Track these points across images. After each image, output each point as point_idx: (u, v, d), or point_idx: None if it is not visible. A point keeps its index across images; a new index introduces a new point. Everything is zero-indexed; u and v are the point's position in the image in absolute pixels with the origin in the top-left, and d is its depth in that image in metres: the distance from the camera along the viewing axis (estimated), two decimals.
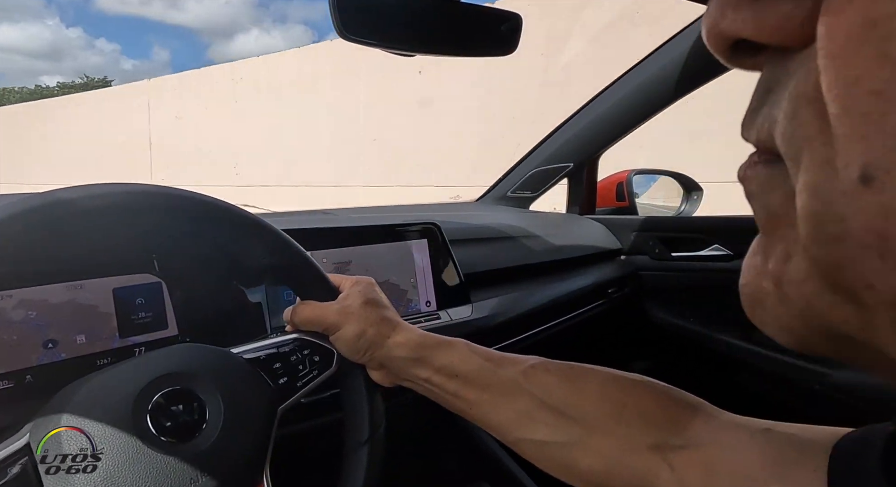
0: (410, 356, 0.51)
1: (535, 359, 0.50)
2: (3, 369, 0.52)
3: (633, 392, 0.45)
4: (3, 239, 0.37)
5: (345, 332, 0.52)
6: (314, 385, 0.51)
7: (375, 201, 1.36)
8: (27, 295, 0.55)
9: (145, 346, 0.61)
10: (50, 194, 0.40)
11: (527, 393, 0.47)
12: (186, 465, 0.40)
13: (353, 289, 0.55)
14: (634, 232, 1.31)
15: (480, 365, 0.50)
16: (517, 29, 0.64)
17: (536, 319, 1.03)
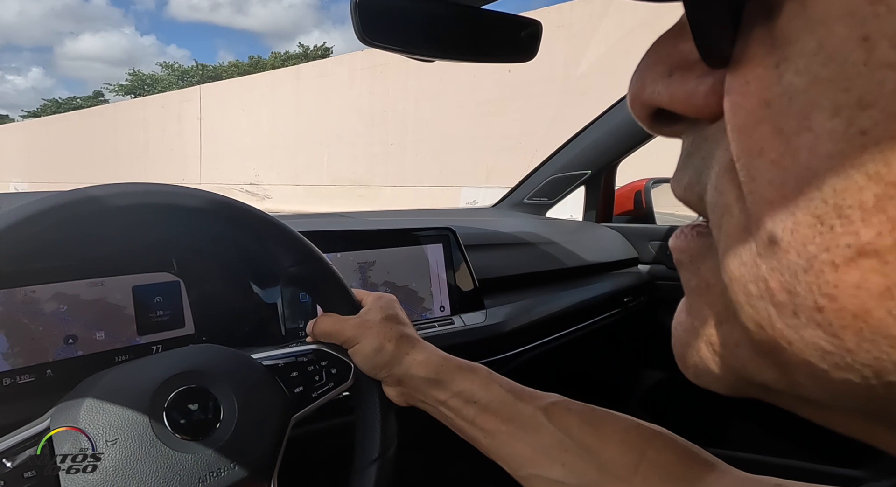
0: (429, 376, 0.50)
1: (557, 397, 0.49)
2: (23, 363, 0.53)
3: (654, 442, 0.44)
4: (33, 234, 0.38)
5: (363, 346, 0.52)
6: (329, 397, 0.51)
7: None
8: (61, 289, 0.56)
9: (162, 344, 0.62)
10: (79, 191, 0.41)
11: (547, 429, 0.46)
12: (197, 463, 0.41)
13: (375, 305, 0.55)
14: (652, 241, 1.30)
15: (501, 394, 0.49)
16: (537, 36, 0.64)
17: (551, 326, 1.02)
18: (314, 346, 0.52)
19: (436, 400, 0.51)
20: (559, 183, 1.39)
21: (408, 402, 0.53)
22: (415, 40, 0.58)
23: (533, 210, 1.43)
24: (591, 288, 1.15)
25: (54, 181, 15.82)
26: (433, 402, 0.51)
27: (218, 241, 0.63)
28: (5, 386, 0.52)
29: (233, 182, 11.23)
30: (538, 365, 1.02)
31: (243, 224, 0.49)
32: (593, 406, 0.48)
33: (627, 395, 1.41)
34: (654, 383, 1.39)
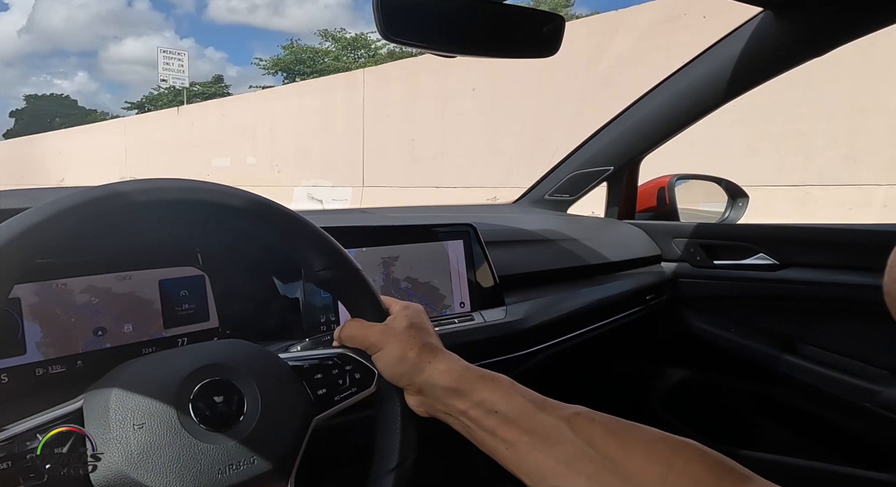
0: (450, 385, 0.50)
1: (580, 408, 0.49)
2: (54, 353, 0.55)
3: (682, 453, 0.43)
4: (64, 228, 0.39)
5: (385, 353, 0.52)
6: (351, 401, 0.51)
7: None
8: (93, 282, 0.57)
9: (188, 337, 0.63)
10: (108, 186, 0.42)
11: (570, 440, 0.45)
12: (218, 454, 0.41)
13: (401, 313, 0.55)
14: (675, 238, 1.28)
15: (522, 404, 0.48)
16: (559, 30, 0.63)
17: (571, 324, 1.01)
18: (340, 350, 0.53)
19: (457, 410, 0.50)
20: (581, 179, 1.37)
21: (428, 412, 0.53)
22: (437, 36, 0.58)
23: (554, 206, 1.42)
24: (612, 286, 1.14)
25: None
26: (454, 412, 0.50)
27: (242, 237, 0.64)
28: (38, 376, 0.54)
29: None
30: (558, 362, 1.01)
31: (278, 225, 0.49)
32: (617, 418, 0.47)
33: (649, 394, 1.39)
34: (676, 382, 1.37)
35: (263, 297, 0.71)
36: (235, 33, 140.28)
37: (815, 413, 1.16)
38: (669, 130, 1.24)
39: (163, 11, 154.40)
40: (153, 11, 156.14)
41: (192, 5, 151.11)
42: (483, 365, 0.53)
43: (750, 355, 1.20)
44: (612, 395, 1.36)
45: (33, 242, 0.38)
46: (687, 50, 1.21)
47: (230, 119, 12.11)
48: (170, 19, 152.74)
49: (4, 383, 0.52)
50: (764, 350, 1.18)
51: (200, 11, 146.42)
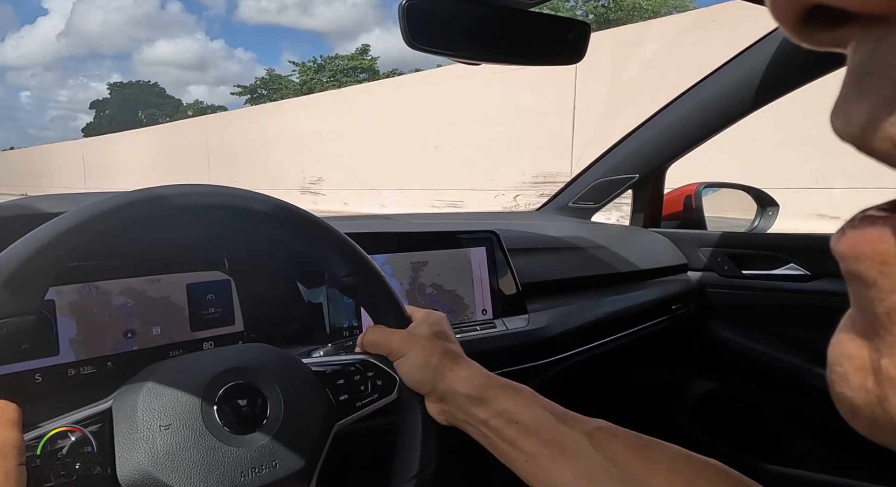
0: (472, 394, 0.50)
1: (602, 422, 0.48)
2: (84, 352, 0.56)
3: (706, 473, 0.42)
4: (98, 232, 0.40)
5: (407, 359, 0.52)
6: (373, 408, 0.51)
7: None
8: (129, 285, 0.59)
9: (214, 341, 0.64)
10: (141, 191, 0.43)
11: (591, 455, 0.45)
12: (241, 457, 0.42)
13: (424, 320, 0.55)
14: (702, 247, 1.26)
15: (544, 416, 0.48)
16: (585, 38, 0.63)
17: (595, 333, 1.00)
18: (362, 356, 0.53)
19: (477, 419, 0.50)
20: (605, 186, 1.36)
21: (449, 421, 0.52)
22: (462, 44, 0.59)
23: (578, 214, 1.41)
24: (637, 295, 1.12)
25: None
26: (474, 422, 0.50)
27: (268, 242, 0.65)
28: (70, 376, 0.55)
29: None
30: (582, 371, 1.00)
31: (304, 231, 0.50)
32: (640, 434, 0.46)
33: (675, 405, 1.37)
34: (703, 393, 1.35)
35: (287, 302, 0.72)
36: (265, 33, 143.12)
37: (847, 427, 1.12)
38: (697, 138, 1.22)
39: (195, 13, 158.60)
40: (185, 13, 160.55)
41: (223, 7, 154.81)
42: (505, 372, 0.53)
43: (780, 367, 1.17)
44: (636, 406, 1.34)
45: (68, 245, 0.39)
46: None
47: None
48: (201, 21, 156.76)
49: (38, 383, 0.53)
50: (794, 362, 1.15)
51: (231, 12, 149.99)
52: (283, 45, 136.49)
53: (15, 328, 0.36)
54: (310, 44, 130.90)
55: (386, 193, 10.13)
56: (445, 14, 0.56)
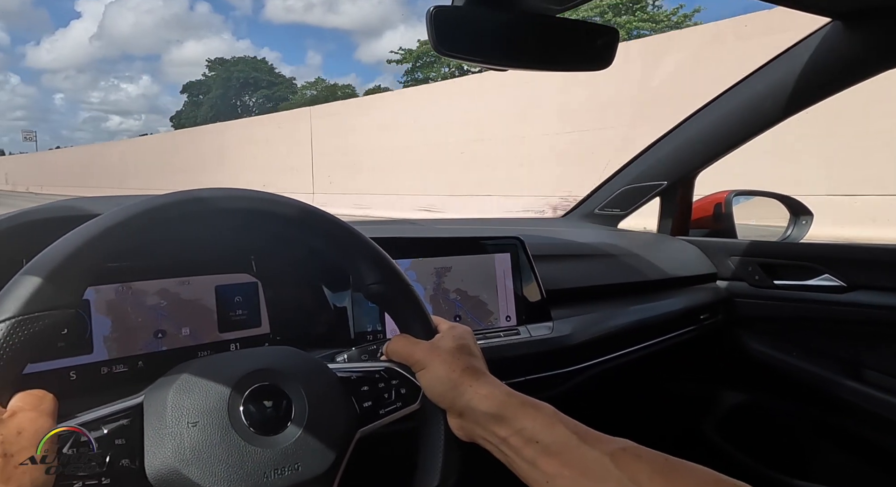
0: (491, 411, 0.49)
1: (625, 442, 0.46)
2: (116, 351, 0.58)
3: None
4: (132, 233, 0.41)
5: (429, 371, 0.51)
6: (396, 416, 0.51)
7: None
8: (163, 286, 0.60)
9: (240, 342, 0.65)
10: (180, 194, 0.44)
11: (613, 477, 0.43)
12: (265, 458, 0.42)
13: (448, 333, 0.55)
14: (732, 256, 1.23)
15: (565, 435, 0.46)
16: (613, 44, 0.63)
17: (620, 341, 0.99)
18: (387, 364, 0.53)
19: (497, 437, 0.49)
20: (633, 193, 1.34)
21: (469, 437, 0.52)
22: (489, 50, 0.59)
23: (604, 221, 1.39)
24: (664, 304, 1.10)
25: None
26: (494, 439, 0.49)
27: (296, 246, 0.66)
28: (103, 374, 0.57)
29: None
30: (606, 380, 0.99)
31: (333, 236, 0.51)
32: (666, 456, 0.45)
33: (702, 417, 1.34)
34: (731, 406, 1.31)
35: (312, 305, 0.72)
36: (290, 32, 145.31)
37: (880, 443, 1.08)
38: (727, 145, 1.20)
39: (222, 13, 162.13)
40: (213, 14, 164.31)
41: (250, 7, 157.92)
42: (528, 380, 0.52)
43: (812, 380, 1.13)
44: (662, 417, 1.31)
45: (105, 246, 0.40)
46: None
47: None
48: (228, 21, 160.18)
49: (73, 380, 0.55)
50: (827, 375, 1.11)
51: (257, 12, 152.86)
52: (308, 44, 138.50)
53: (54, 321, 0.37)
54: (335, 42, 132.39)
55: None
56: (473, 20, 0.56)
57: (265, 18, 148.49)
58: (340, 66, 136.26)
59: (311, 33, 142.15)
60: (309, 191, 12.01)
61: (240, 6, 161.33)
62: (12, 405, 0.35)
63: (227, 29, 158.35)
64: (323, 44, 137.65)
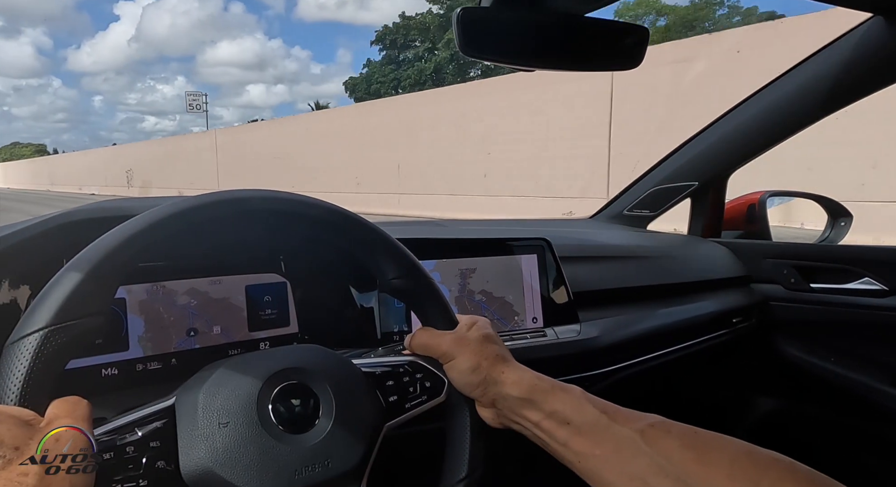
0: (522, 396, 0.49)
1: (655, 418, 0.46)
2: (151, 349, 0.59)
3: (771, 471, 0.40)
4: (164, 235, 0.42)
5: (459, 363, 0.52)
6: (421, 409, 0.52)
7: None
8: (193, 286, 0.62)
9: (270, 341, 0.66)
10: (211, 195, 0.45)
11: (644, 454, 0.43)
12: (294, 456, 0.43)
13: (471, 323, 0.55)
14: (766, 258, 1.20)
15: (595, 416, 0.47)
16: (643, 42, 0.62)
17: (649, 344, 0.97)
18: (411, 358, 0.53)
19: (529, 422, 0.49)
20: (663, 194, 1.32)
21: (502, 424, 0.52)
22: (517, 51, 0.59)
23: (633, 222, 1.37)
24: (695, 307, 1.08)
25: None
26: (527, 423, 0.50)
27: (323, 246, 0.67)
28: (138, 371, 0.58)
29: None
30: (635, 384, 0.97)
31: (355, 234, 0.51)
32: (696, 429, 0.45)
33: (735, 424, 1.31)
34: (765, 413, 1.28)
35: (340, 305, 0.73)
36: (322, 30, 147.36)
37: None
38: (762, 144, 1.17)
39: (255, 13, 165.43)
40: (247, 14, 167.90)
41: (283, 5, 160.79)
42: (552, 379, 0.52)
43: (851, 387, 1.10)
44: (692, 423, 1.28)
45: (139, 248, 0.41)
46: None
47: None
48: (261, 21, 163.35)
49: (110, 376, 0.57)
50: (867, 382, 1.08)
51: (290, 11, 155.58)
52: (339, 42, 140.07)
53: (86, 328, 0.38)
54: (365, 39, 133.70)
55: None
56: (501, 22, 0.56)
57: (297, 17, 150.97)
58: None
59: (343, 30, 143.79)
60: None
61: (273, 5, 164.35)
62: (49, 413, 0.36)
63: (260, 28, 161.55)
64: (354, 41, 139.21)
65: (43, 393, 0.36)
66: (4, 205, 19.37)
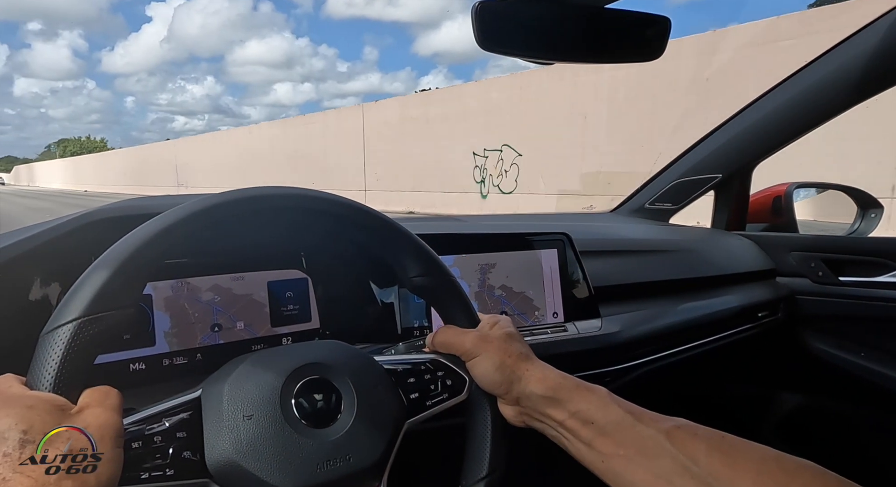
0: (546, 394, 0.49)
1: (681, 420, 0.46)
2: (177, 344, 0.60)
3: (799, 476, 0.39)
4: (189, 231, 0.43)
5: (483, 360, 0.52)
6: (442, 407, 0.52)
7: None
8: (216, 282, 0.63)
9: (292, 336, 0.67)
10: (234, 192, 0.46)
11: (670, 455, 0.43)
12: (316, 450, 0.44)
13: (493, 321, 0.55)
14: (793, 251, 1.18)
15: (619, 415, 0.47)
16: (665, 33, 0.61)
17: (672, 339, 0.96)
18: (432, 356, 0.54)
19: (553, 421, 0.49)
20: (685, 187, 1.30)
21: (525, 422, 0.52)
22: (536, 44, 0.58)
23: (654, 216, 1.35)
24: (719, 301, 1.06)
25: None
26: (550, 422, 0.50)
27: (344, 242, 0.67)
28: (165, 365, 0.59)
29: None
30: (657, 379, 0.96)
31: (377, 231, 0.52)
32: (723, 433, 0.44)
33: (760, 420, 1.29)
34: (792, 409, 1.26)
35: (361, 301, 0.73)
36: (349, 27, 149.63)
37: None
38: (789, 134, 1.14)
39: (284, 12, 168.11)
40: (276, 13, 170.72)
41: (311, 3, 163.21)
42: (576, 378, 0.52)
43: (881, 383, 1.07)
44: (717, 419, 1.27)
45: (164, 245, 0.42)
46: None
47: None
48: (290, 19, 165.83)
49: (137, 371, 0.58)
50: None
51: (318, 8, 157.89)
52: (366, 39, 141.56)
53: (116, 321, 0.39)
54: (392, 35, 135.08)
55: None
56: (519, 15, 0.55)
57: (326, 14, 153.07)
58: (396, 60, 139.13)
59: (371, 27, 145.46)
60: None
61: (301, 3, 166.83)
62: (81, 400, 0.37)
63: (288, 27, 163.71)
64: (380, 38, 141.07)
65: (75, 381, 0.37)
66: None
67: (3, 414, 0.33)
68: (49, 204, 20.64)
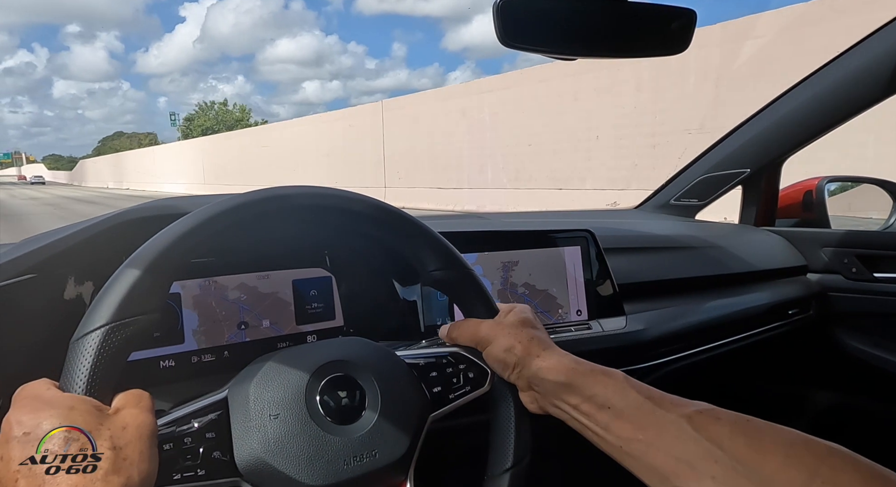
0: (560, 380, 0.49)
1: (702, 404, 0.45)
2: (205, 342, 0.61)
3: (829, 460, 0.38)
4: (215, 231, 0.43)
5: (495, 345, 0.52)
6: (465, 400, 0.52)
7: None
8: (243, 281, 0.64)
9: (316, 334, 0.68)
10: (258, 192, 0.46)
11: (692, 439, 0.42)
12: (342, 446, 0.44)
13: (510, 309, 0.55)
14: (825, 247, 1.15)
15: (637, 400, 0.46)
16: (690, 26, 0.59)
17: (699, 337, 0.94)
18: (454, 349, 0.54)
19: (568, 406, 0.49)
20: (712, 182, 1.28)
21: (542, 409, 0.52)
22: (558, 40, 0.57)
23: (680, 212, 1.33)
24: (747, 298, 1.04)
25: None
26: (566, 408, 0.49)
27: (366, 240, 0.68)
28: (193, 363, 0.61)
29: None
30: (684, 378, 0.95)
31: (396, 228, 0.52)
32: (748, 416, 0.43)
33: (792, 419, 1.25)
34: (825, 408, 1.23)
35: (384, 299, 0.74)
36: (379, 24, 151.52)
37: None
38: (819, 128, 1.11)
39: (314, 9, 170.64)
40: (306, 10, 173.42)
41: (340, 1, 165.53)
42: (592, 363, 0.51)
43: None
44: None
45: (191, 244, 0.42)
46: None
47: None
48: (321, 17, 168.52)
49: (167, 368, 0.59)
50: None
51: (349, 5, 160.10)
52: (395, 35, 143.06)
53: (144, 325, 0.40)
54: (423, 31, 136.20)
55: None
56: (541, 11, 0.55)
57: (356, 10, 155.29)
58: (425, 55, 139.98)
59: (401, 23, 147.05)
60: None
61: (332, 0, 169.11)
62: (116, 403, 0.38)
63: (318, 25, 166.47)
64: (410, 33, 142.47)
65: (107, 385, 0.38)
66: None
67: (47, 415, 0.35)
68: None
